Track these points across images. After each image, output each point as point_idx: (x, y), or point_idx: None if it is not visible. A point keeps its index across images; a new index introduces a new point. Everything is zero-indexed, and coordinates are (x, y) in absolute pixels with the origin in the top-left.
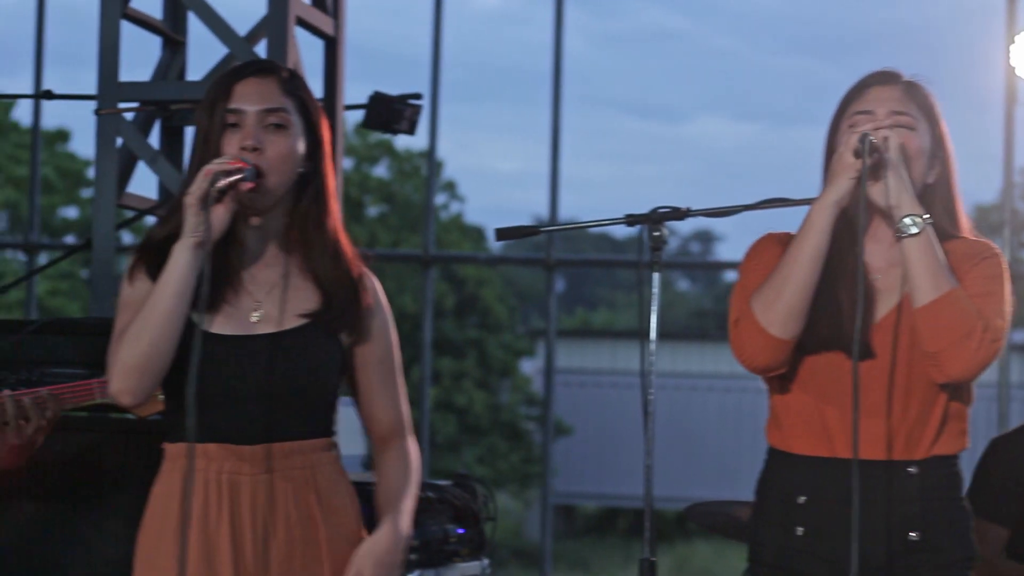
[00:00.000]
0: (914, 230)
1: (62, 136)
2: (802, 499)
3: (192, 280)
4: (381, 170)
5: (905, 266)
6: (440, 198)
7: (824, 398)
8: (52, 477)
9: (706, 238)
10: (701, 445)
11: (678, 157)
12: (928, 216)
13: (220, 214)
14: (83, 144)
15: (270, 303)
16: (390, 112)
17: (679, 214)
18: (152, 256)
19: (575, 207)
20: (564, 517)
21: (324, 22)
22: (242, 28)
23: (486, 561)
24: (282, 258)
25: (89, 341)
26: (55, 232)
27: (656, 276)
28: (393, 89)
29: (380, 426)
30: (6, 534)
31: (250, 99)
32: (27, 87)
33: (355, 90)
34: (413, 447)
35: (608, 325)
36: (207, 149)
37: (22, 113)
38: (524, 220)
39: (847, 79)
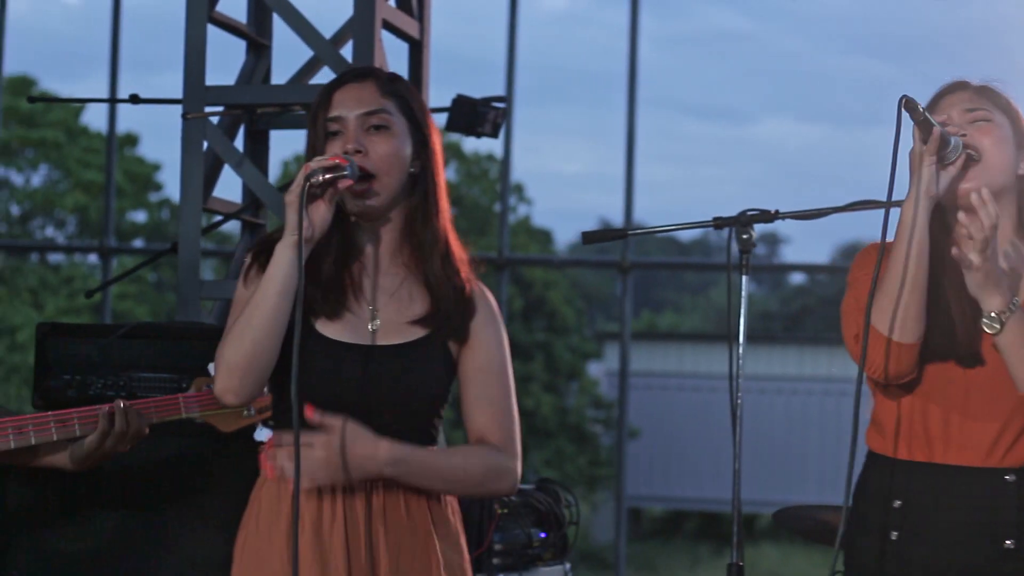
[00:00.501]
0: (996, 327)
1: (131, 140)
2: (898, 503)
3: (295, 279)
4: (449, 173)
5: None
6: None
7: (930, 404)
8: (139, 481)
9: (771, 240)
10: (768, 448)
11: (743, 159)
12: (1015, 300)
13: (321, 211)
14: (151, 148)
15: (388, 311)
16: (473, 115)
17: (767, 217)
18: (265, 256)
19: (641, 209)
20: (630, 519)
21: (409, 25)
22: (327, 30)
23: (568, 565)
24: (400, 264)
25: (176, 345)
26: (124, 236)
27: (745, 279)
28: (463, 92)
29: (477, 440)
30: (95, 540)
31: (348, 105)
32: (95, 91)
33: (431, 93)
34: (504, 461)
35: (674, 327)
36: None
37: (91, 117)
38: (590, 222)
39: (913, 80)
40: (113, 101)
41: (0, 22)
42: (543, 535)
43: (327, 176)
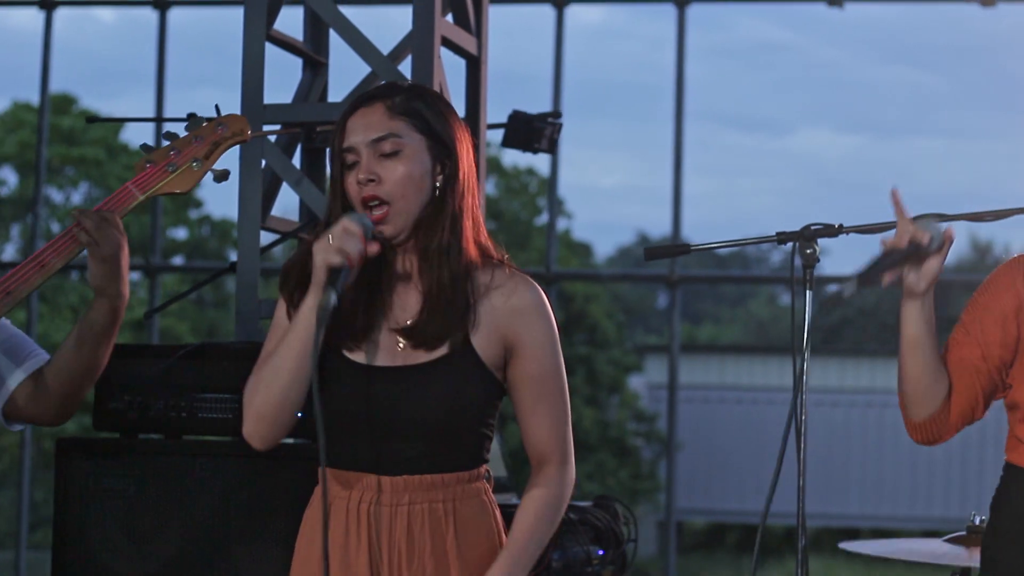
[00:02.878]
0: None
1: None
2: None
3: (318, 339)
4: (488, 187)
5: None
6: (548, 214)
7: None
8: (203, 503)
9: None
10: (809, 460)
11: (781, 170)
12: None
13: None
14: None
15: (403, 327)
16: (530, 131)
17: (831, 231)
18: (293, 281)
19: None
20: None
21: (467, 41)
22: (384, 46)
23: None
24: (419, 277)
25: (236, 366)
26: (164, 253)
27: (809, 294)
28: (505, 107)
29: (533, 449)
30: (155, 562)
31: (358, 133)
32: (134, 108)
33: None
34: (565, 476)
35: (714, 340)
36: (334, 192)
37: (131, 135)
38: (629, 235)
39: (952, 90)
40: (170, 120)
41: (46, 43)
42: (601, 552)
43: (342, 285)
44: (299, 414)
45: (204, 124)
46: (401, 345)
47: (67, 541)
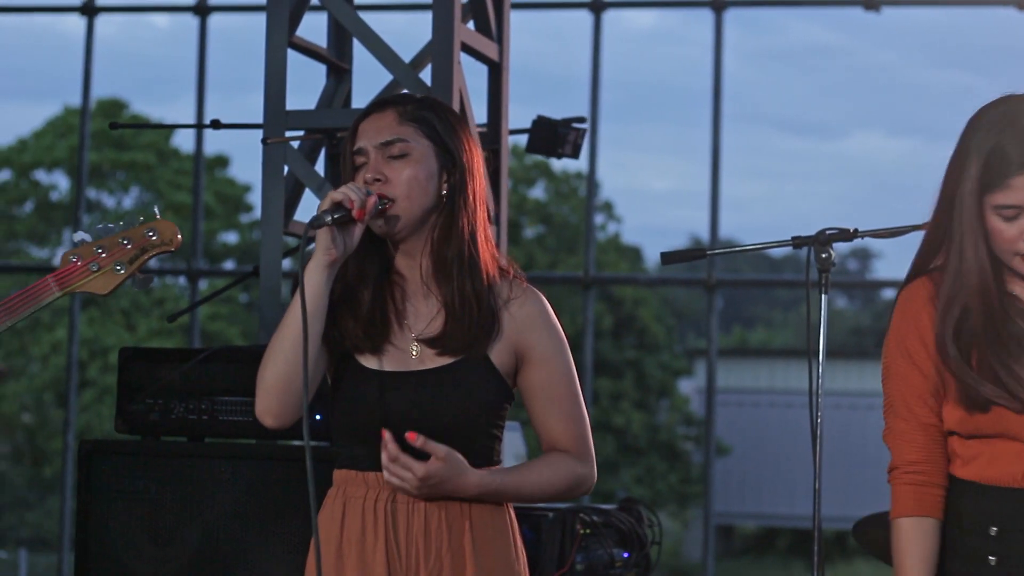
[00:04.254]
0: None
1: (221, 162)
2: (994, 530)
3: (324, 300)
4: (538, 191)
5: None
6: (597, 218)
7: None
8: (224, 505)
9: (864, 255)
10: (861, 463)
11: (833, 174)
12: None
13: (351, 231)
14: (242, 169)
15: (426, 335)
16: (554, 136)
17: (846, 236)
18: None
19: (731, 225)
20: (723, 537)
21: (488, 47)
22: (406, 54)
23: None
24: (435, 286)
25: (257, 369)
26: (215, 257)
27: (824, 298)
28: (548, 111)
29: (552, 450)
30: (176, 563)
31: (368, 136)
32: (185, 113)
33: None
34: (588, 469)
35: (766, 344)
36: None
37: (181, 140)
38: (680, 239)
39: (1004, 92)
40: (195, 127)
41: (88, 49)
42: (626, 555)
43: (336, 216)
44: (317, 416)
45: (135, 226)
46: (415, 351)
47: (89, 542)
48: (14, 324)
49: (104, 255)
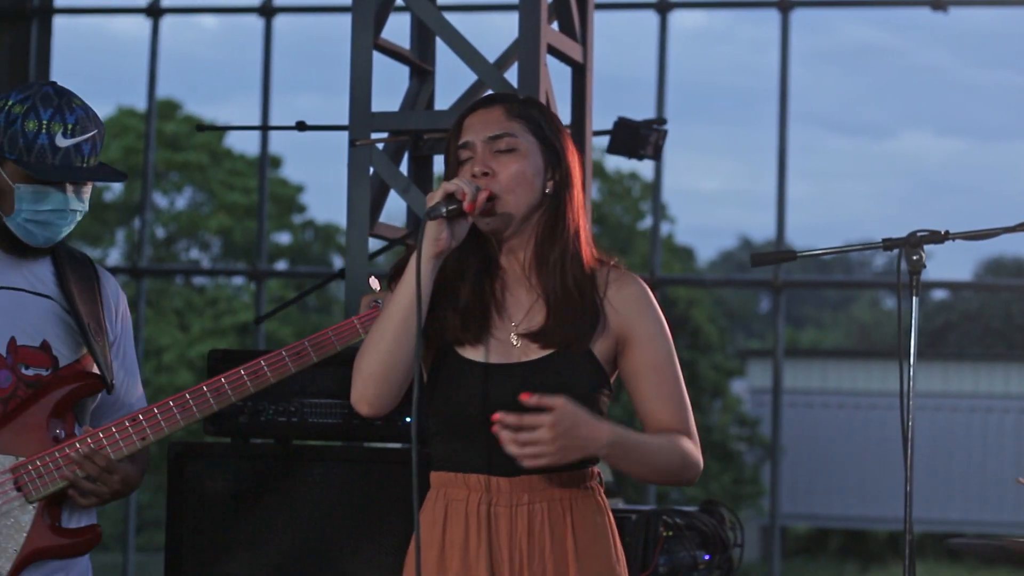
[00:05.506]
0: None
1: (274, 162)
2: None
3: (427, 291)
4: (592, 191)
5: None
6: (651, 219)
7: None
8: (310, 508)
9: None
10: (916, 464)
11: (883, 174)
12: None
13: (459, 224)
14: (295, 170)
15: (527, 328)
16: (635, 138)
17: (937, 238)
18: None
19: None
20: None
21: (572, 48)
22: (489, 54)
23: None
24: (537, 279)
25: (346, 370)
26: (269, 258)
27: (916, 300)
28: (612, 111)
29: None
30: (269, 567)
31: (475, 130)
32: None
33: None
34: (693, 448)
35: (816, 344)
36: None
37: (234, 140)
38: (730, 239)
39: None
40: (279, 128)
41: (153, 50)
42: (707, 557)
43: (449, 208)
44: (407, 419)
45: None
46: (516, 342)
47: (180, 545)
48: (321, 360)
49: None
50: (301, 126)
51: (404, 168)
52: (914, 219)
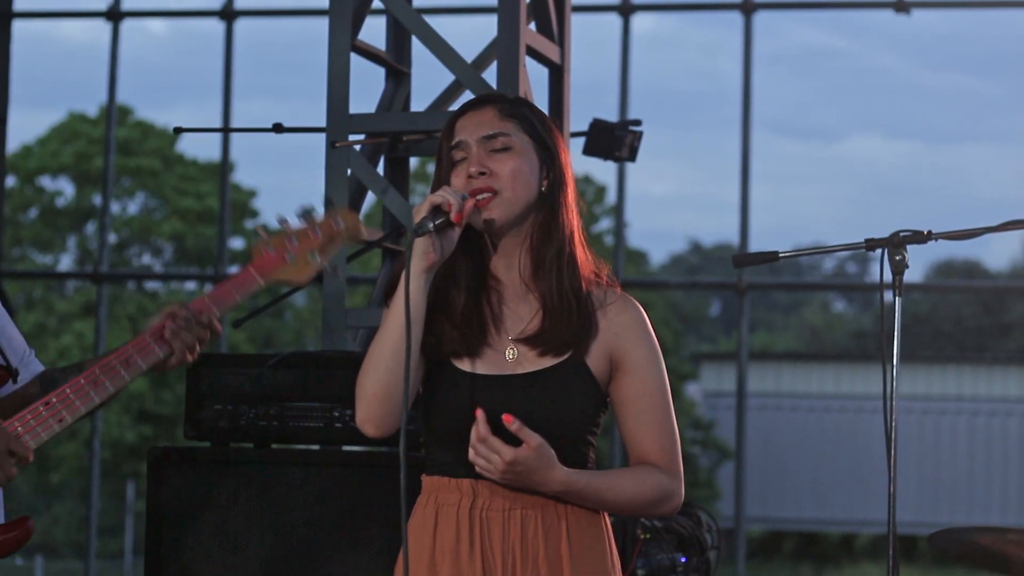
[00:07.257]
0: None
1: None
2: None
3: (422, 306)
4: None
5: None
6: (604, 223)
7: None
8: (291, 512)
9: (863, 258)
10: (867, 467)
11: (835, 177)
12: None
13: (448, 234)
14: (247, 174)
15: (523, 334)
16: (611, 139)
17: (920, 238)
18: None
19: (731, 229)
20: (728, 540)
21: (550, 50)
22: (466, 55)
23: None
24: (534, 285)
25: (326, 374)
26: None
27: (899, 301)
28: (577, 114)
29: (641, 462)
30: (250, 571)
31: (469, 130)
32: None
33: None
34: (676, 486)
35: (767, 347)
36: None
37: (187, 145)
38: (681, 242)
39: (1007, 96)
40: (255, 131)
41: (113, 54)
42: (684, 560)
43: (437, 223)
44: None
45: (320, 218)
46: (510, 355)
47: (160, 550)
48: (224, 313)
49: (297, 244)
50: (278, 128)
51: (380, 170)
52: (866, 222)
